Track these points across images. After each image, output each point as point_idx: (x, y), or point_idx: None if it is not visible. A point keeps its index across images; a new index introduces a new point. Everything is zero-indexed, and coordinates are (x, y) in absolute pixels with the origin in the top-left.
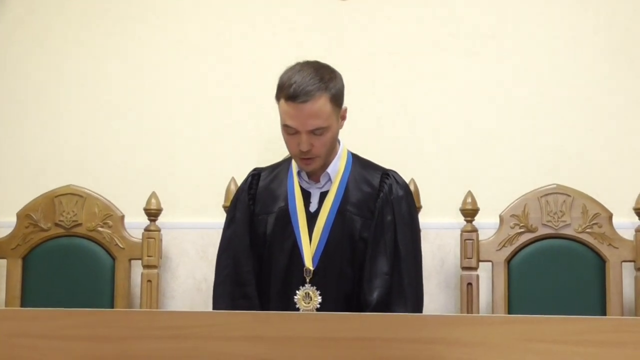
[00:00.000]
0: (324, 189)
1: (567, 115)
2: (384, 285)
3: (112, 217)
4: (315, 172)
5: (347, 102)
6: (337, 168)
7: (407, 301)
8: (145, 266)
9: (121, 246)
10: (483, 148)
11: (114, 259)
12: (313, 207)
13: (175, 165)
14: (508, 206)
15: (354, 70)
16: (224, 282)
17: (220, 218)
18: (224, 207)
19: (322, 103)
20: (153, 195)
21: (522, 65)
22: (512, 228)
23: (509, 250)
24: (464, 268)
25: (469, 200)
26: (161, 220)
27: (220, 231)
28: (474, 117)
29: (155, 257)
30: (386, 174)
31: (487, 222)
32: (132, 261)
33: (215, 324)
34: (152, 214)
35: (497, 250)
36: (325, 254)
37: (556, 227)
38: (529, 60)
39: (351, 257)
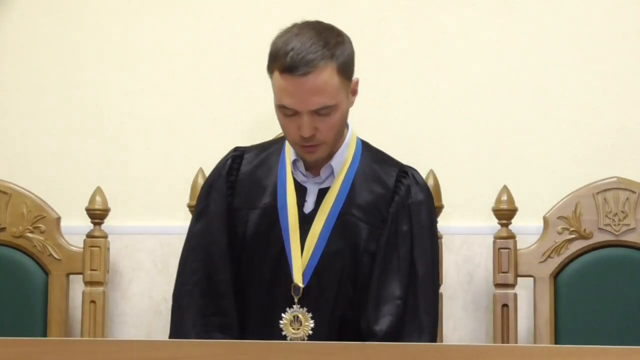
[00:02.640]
0: (323, 185)
1: (631, 91)
2: (395, 312)
3: (45, 220)
4: (318, 163)
5: None
6: (343, 159)
7: (424, 332)
8: (88, 283)
9: (57, 257)
10: (522, 132)
11: (47, 273)
12: (308, 208)
13: (125, 153)
14: (554, 206)
15: (355, 32)
16: (191, 293)
17: (185, 220)
18: (190, 206)
19: (328, 75)
20: (97, 191)
21: (574, 24)
22: (559, 234)
23: (555, 262)
24: (497, 285)
25: (505, 197)
26: (108, 223)
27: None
28: (510, 92)
29: (101, 271)
30: (404, 172)
31: (527, 226)
32: (71, 276)
33: (179, 356)
34: (97, 215)
35: (540, 262)
36: (320, 269)
37: (617, 233)
38: (582, 18)
39: (353, 273)
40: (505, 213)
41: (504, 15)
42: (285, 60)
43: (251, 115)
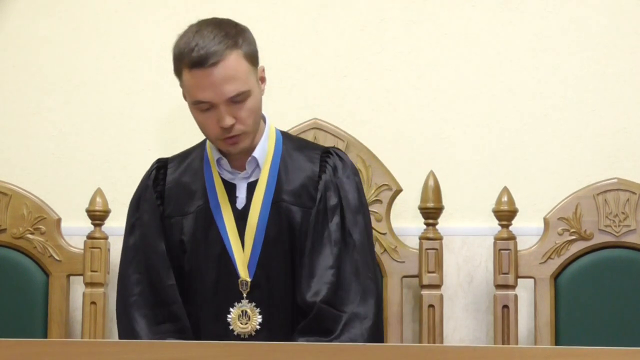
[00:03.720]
0: (251, 179)
1: (631, 92)
2: (330, 281)
3: (46, 221)
4: (242, 154)
5: (349, 72)
6: (265, 150)
7: (370, 295)
8: (89, 284)
9: (57, 258)
10: (522, 133)
11: (47, 274)
12: (241, 203)
13: (126, 154)
14: (555, 207)
15: (357, 31)
16: (137, 304)
17: None
18: None
19: (235, 61)
20: (98, 192)
21: (574, 25)
22: (560, 235)
23: (556, 263)
24: (498, 286)
25: (505, 199)
26: (109, 224)
27: None
28: (510, 93)
29: (101, 272)
30: (327, 152)
31: (528, 227)
32: (72, 277)
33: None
34: (97, 216)
35: (541, 263)
36: (263, 259)
37: (617, 234)
38: (582, 19)
39: (294, 258)
40: (505, 214)
41: (504, 16)
42: (191, 56)
43: None
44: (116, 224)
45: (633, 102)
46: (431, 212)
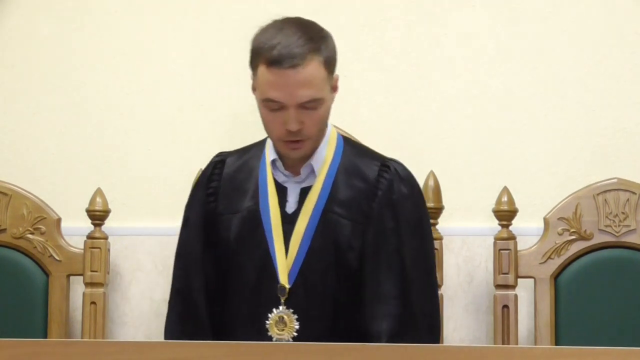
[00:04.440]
0: (305, 184)
1: (631, 92)
2: (393, 313)
3: (46, 221)
4: (300, 160)
5: (348, 71)
6: (324, 157)
7: (421, 333)
8: (89, 284)
9: (57, 258)
10: (522, 133)
11: (47, 274)
12: (290, 207)
13: (126, 154)
14: (555, 206)
15: (356, 31)
16: (175, 299)
17: None
18: None
19: (315, 68)
20: (98, 192)
21: (574, 25)
22: (560, 235)
23: (556, 263)
24: (498, 286)
25: (505, 198)
26: (108, 224)
27: None
28: (510, 93)
29: (101, 272)
30: (386, 166)
31: (528, 227)
32: (72, 277)
33: (179, 357)
34: (97, 216)
35: (540, 263)
36: (305, 268)
37: (617, 234)
38: (582, 19)
39: (337, 271)
40: (505, 214)
41: (504, 16)
42: (272, 53)
43: (251, 117)
44: (116, 223)
45: (633, 102)
46: (431, 212)
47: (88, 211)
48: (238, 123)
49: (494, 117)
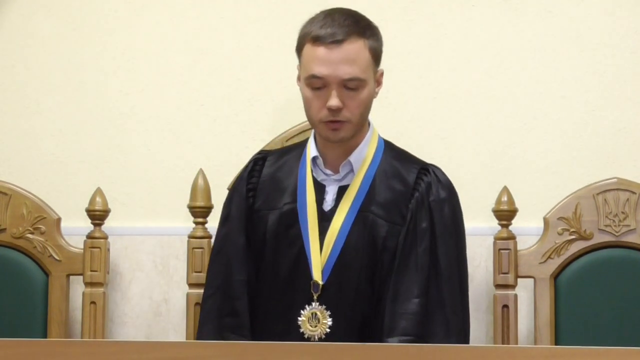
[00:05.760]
0: (343, 183)
1: (631, 91)
2: (415, 311)
3: (46, 221)
4: (339, 155)
5: None
6: (363, 156)
7: (451, 332)
8: (88, 284)
9: (57, 258)
10: (522, 132)
11: (47, 274)
12: (328, 205)
13: (125, 154)
14: (555, 206)
15: None
16: (214, 295)
17: (185, 221)
18: (190, 207)
19: (359, 47)
20: (98, 192)
21: (574, 25)
22: (560, 234)
23: (556, 262)
24: (498, 286)
25: (505, 198)
26: (108, 224)
27: (186, 238)
28: (510, 93)
29: (101, 272)
30: (425, 169)
31: (527, 227)
32: (71, 277)
33: (179, 357)
34: (97, 216)
35: (540, 263)
36: (340, 266)
37: (617, 234)
38: (582, 19)
39: (371, 271)
40: (505, 214)
41: (504, 16)
42: (318, 31)
43: (251, 116)
44: (116, 223)
45: (633, 102)
46: None
47: (88, 211)
48: (237, 123)
49: (494, 117)
